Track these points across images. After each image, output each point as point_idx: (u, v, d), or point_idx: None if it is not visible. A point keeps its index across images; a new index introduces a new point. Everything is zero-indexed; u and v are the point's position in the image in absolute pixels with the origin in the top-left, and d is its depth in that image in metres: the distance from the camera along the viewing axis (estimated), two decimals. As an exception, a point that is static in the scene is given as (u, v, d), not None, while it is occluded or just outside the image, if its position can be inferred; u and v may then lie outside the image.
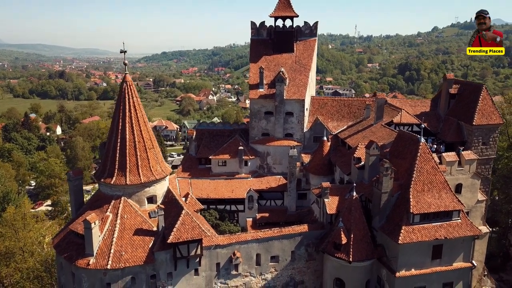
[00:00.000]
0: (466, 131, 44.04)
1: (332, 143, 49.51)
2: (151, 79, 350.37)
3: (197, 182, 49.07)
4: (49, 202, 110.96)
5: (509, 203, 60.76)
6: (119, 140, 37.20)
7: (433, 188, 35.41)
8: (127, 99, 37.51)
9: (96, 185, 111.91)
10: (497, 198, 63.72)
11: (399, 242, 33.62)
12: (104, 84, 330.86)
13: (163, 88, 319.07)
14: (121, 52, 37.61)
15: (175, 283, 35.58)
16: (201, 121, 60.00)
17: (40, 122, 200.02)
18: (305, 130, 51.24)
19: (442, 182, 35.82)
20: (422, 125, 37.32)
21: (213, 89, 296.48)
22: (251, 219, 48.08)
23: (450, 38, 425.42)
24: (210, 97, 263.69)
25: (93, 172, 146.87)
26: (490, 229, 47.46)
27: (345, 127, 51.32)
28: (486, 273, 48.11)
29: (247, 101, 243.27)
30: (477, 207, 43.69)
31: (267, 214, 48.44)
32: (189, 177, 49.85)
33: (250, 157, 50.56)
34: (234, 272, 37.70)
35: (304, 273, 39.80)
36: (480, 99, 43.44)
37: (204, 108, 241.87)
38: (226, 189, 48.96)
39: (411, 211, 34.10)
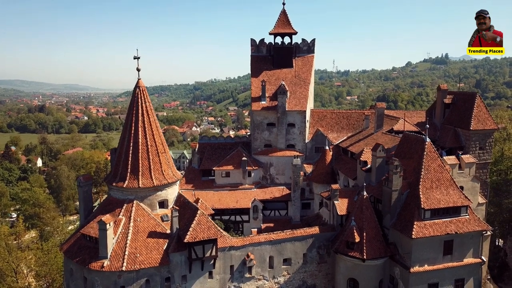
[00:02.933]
0: (463, 136, 45.95)
1: (333, 152, 50.59)
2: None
3: (201, 194, 48.86)
4: (33, 233, 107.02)
5: (502, 214, 62.61)
6: (131, 144, 37.44)
7: (440, 185, 36.64)
8: (140, 103, 38.06)
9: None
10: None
11: (413, 236, 34.32)
12: (86, 118, 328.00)
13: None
14: (134, 58, 38.35)
15: (189, 286, 35.07)
16: (202, 135, 60.32)
17: (20, 154, 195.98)
18: (306, 141, 52.36)
19: (448, 179, 37.15)
20: (427, 126, 38.90)
21: (197, 121, 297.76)
22: (256, 229, 47.97)
23: (424, 72, 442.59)
24: (194, 128, 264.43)
25: (77, 202, 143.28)
26: (492, 232, 48.62)
27: (345, 137, 52.75)
28: (489, 277, 48.87)
29: (231, 132, 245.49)
30: (478, 210, 44.87)
31: (272, 224, 48.50)
32: (192, 189, 49.82)
33: (254, 167, 51.08)
34: (247, 275, 37.38)
35: (316, 276, 39.73)
36: (475, 106, 45.71)
37: (188, 139, 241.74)
38: (230, 200, 49.03)
39: (422, 206, 35.08)
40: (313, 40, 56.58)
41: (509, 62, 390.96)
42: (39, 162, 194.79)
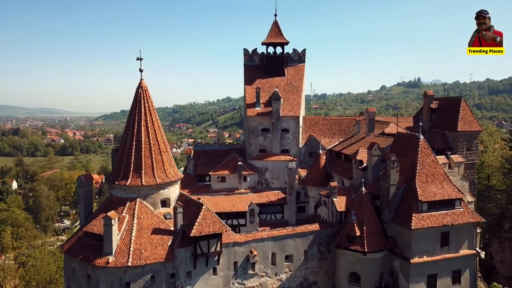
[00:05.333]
0: (451, 138, 48.01)
1: (326, 156, 51.90)
2: (111, 135, 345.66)
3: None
4: (11, 255, 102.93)
5: (485, 218, 64.75)
6: (134, 143, 37.69)
7: (435, 179, 38.25)
8: (142, 103, 38.58)
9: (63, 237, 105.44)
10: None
11: (412, 227, 35.53)
12: (62, 141, 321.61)
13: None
14: (137, 59, 38.91)
15: (194, 283, 34.99)
16: (197, 143, 60.81)
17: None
18: (300, 146, 53.55)
19: (442, 174, 38.83)
20: (420, 124, 40.74)
21: (176, 143, 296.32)
22: (253, 233, 48.22)
23: (398, 95, 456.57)
24: (174, 150, 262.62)
25: (57, 224, 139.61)
26: (481, 230, 50.31)
27: (337, 142, 54.30)
28: (480, 275, 50.24)
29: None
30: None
31: (268, 228, 48.72)
32: (188, 194, 49.83)
33: (249, 172, 51.74)
34: (251, 272, 37.62)
35: (317, 273, 40.21)
36: (460, 109, 48.06)
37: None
38: (227, 204, 49.28)
39: (420, 199, 36.46)
40: (304, 50, 58.66)
41: (477, 85, 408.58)
42: (15, 185, 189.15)
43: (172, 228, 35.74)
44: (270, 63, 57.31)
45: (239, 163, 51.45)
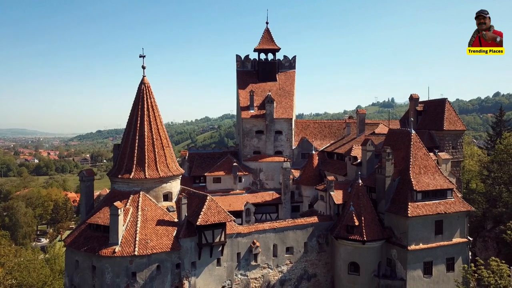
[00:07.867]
0: (437, 137, 50.44)
1: (319, 157, 53.42)
2: (88, 155, 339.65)
3: (194, 199, 49.44)
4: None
5: (469, 219, 67.17)
6: (137, 137, 38.21)
7: (427, 171, 40.16)
8: (145, 99, 39.29)
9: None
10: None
11: (408, 215, 37.06)
12: (36, 161, 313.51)
13: (101, 163, 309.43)
14: (140, 56, 39.83)
15: (198, 273, 35.27)
16: (190, 146, 61.43)
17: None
18: (293, 147, 54.95)
19: (434, 166, 40.81)
20: (411, 119, 42.85)
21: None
22: (249, 232, 48.76)
23: (373, 115, 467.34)
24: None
25: (34, 243, 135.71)
26: (469, 224, 52.26)
27: (328, 144, 56.00)
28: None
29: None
30: (455, 203, 48.61)
31: (264, 227, 49.54)
32: (184, 195, 50.21)
33: (244, 173, 52.62)
34: (253, 263, 38.13)
35: (316, 265, 41.04)
36: (445, 109, 50.71)
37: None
38: (223, 204, 49.11)
39: (414, 188, 38.18)
40: (294, 57, 60.80)
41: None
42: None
43: (176, 220, 36.12)
44: (262, 69, 59.06)
45: (234, 164, 52.34)
